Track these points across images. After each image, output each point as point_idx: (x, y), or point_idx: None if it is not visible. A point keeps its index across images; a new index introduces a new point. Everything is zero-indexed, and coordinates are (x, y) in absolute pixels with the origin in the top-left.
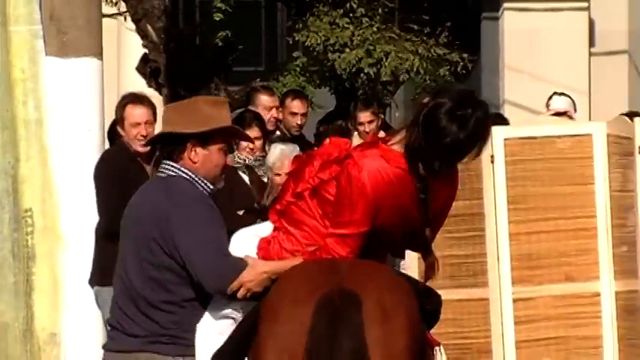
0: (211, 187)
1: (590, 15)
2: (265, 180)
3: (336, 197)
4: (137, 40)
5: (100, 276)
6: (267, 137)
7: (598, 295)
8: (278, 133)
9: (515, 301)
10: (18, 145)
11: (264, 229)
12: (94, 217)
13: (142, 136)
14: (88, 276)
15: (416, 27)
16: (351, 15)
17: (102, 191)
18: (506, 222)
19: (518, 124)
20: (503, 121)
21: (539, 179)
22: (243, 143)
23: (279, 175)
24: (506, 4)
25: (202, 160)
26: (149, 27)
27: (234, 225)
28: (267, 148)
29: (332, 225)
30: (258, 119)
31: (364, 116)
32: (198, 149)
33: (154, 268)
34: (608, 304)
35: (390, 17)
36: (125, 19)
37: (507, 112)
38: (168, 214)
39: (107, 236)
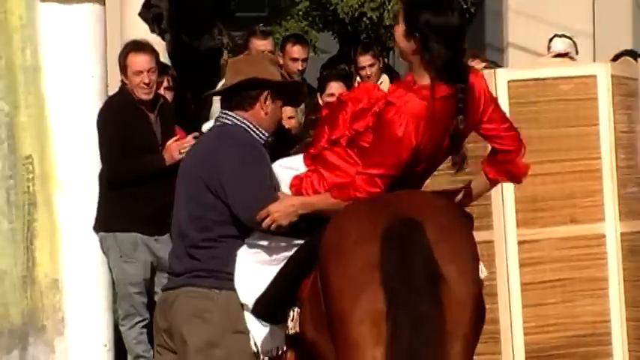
0: (266, 135)
1: None
2: None
3: (373, 141)
4: None
5: (104, 222)
6: None
7: (603, 236)
8: None
9: (520, 243)
10: (17, 92)
11: (296, 161)
12: (91, 163)
13: (145, 83)
14: (86, 222)
15: None
16: None
17: (104, 138)
18: None
19: (522, 66)
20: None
21: (544, 121)
22: None
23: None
24: None
25: (271, 112)
26: None
27: None
28: None
29: (364, 164)
30: None
31: (365, 60)
32: (269, 102)
33: (198, 207)
34: (613, 245)
35: None
36: None
37: (511, 55)
38: (216, 155)
39: (110, 183)
